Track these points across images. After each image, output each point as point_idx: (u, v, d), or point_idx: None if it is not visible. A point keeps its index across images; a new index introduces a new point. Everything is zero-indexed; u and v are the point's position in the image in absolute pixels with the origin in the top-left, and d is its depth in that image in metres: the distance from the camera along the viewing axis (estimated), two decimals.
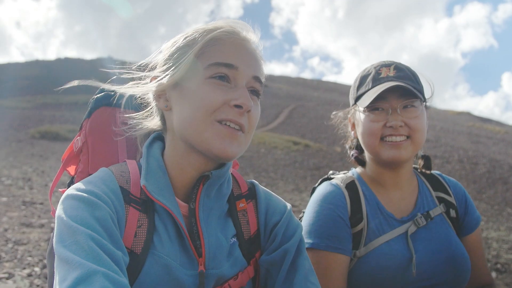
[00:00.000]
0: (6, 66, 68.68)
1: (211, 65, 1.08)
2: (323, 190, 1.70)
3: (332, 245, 1.56)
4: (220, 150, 1.07)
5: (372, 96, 1.55)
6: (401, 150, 1.57)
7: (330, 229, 1.58)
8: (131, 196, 1.10)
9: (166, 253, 1.08)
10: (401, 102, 1.57)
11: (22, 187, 8.75)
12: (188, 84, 1.10)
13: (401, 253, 1.56)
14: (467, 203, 1.77)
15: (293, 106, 33.48)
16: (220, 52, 1.10)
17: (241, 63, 1.10)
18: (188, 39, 1.15)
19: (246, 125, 1.11)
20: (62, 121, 22.42)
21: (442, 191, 1.76)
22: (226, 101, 1.08)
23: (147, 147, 1.20)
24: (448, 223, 1.69)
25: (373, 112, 1.60)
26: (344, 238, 1.58)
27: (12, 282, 3.97)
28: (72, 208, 0.98)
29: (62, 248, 0.91)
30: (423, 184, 1.77)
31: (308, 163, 16.57)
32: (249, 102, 1.08)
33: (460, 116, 44.06)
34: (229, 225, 1.22)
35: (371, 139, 1.61)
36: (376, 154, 1.62)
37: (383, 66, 1.65)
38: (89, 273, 0.85)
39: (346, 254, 1.57)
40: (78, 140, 1.35)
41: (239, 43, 1.13)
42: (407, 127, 1.57)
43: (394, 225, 1.63)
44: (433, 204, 1.72)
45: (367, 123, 1.61)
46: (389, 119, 1.57)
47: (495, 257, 6.52)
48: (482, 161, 17.98)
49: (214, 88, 1.08)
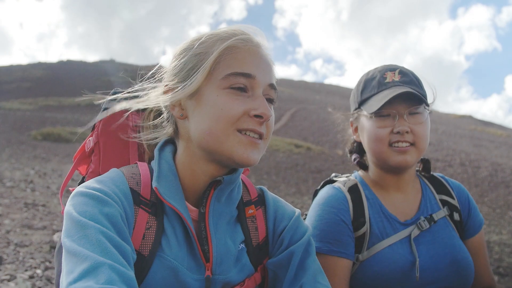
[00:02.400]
0: (9, 68, 68.87)
1: (229, 75, 1.08)
2: (326, 194, 1.69)
3: (334, 249, 1.55)
4: (242, 159, 1.08)
5: (381, 101, 1.55)
6: (407, 156, 1.57)
7: (333, 233, 1.58)
8: (141, 198, 1.11)
9: (174, 257, 1.08)
10: (408, 108, 1.57)
11: (24, 189, 8.76)
12: (205, 94, 1.10)
13: (404, 257, 1.55)
14: (470, 206, 1.76)
15: (295, 109, 33.47)
16: (237, 61, 1.10)
17: (258, 71, 1.11)
18: (201, 47, 1.14)
19: (264, 133, 1.12)
20: (64, 123, 22.46)
21: (446, 194, 1.75)
22: (246, 111, 1.08)
23: (158, 150, 1.20)
24: (452, 226, 1.68)
25: (380, 118, 1.59)
26: (346, 242, 1.58)
27: (14, 284, 3.97)
28: (82, 204, 0.99)
29: (70, 242, 0.92)
30: (427, 187, 1.76)
31: (310, 166, 16.55)
32: (269, 111, 1.10)
33: (462, 120, 43.97)
34: (238, 231, 1.22)
35: (378, 146, 1.60)
36: (383, 160, 1.61)
37: (388, 70, 1.65)
38: (96, 265, 0.86)
39: (348, 258, 1.56)
40: (90, 141, 1.36)
41: (253, 50, 1.13)
42: (412, 133, 1.57)
43: (397, 228, 1.62)
44: (436, 207, 1.70)
45: (374, 129, 1.60)
46: (396, 125, 1.56)
47: (497, 261, 6.50)
48: (484, 165, 17.93)
49: (233, 98, 1.08)
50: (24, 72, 63.87)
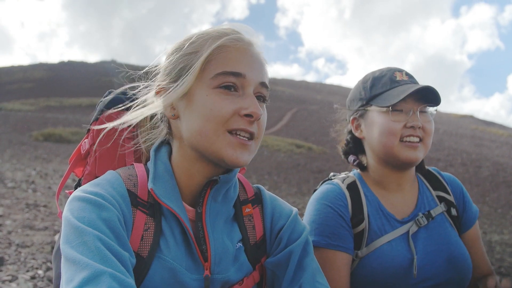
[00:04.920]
0: (10, 69, 68.98)
1: (219, 75, 1.08)
2: (324, 189, 1.70)
3: (333, 243, 1.56)
4: (232, 160, 1.08)
5: (400, 96, 1.57)
6: (417, 152, 1.60)
7: (330, 227, 1.59)
8: (139, 200, 1.11)
9: (172, 257, 1.08)
10: (420, 105, 1.61)
11: (25, 189, 8.78)
12: (196, 93, 1.09)
13: (403, 253, 1.57)
14: (465, 199, 1.79)
15: (296, 109, 33.48)
16: (227, 60, 1.09)
17: (248, 70, 1.10)
18: (192, 47, 1.13)
19: (256, 132, 1.12)
20: (66, 124, 22.51)
21: (442, 190, 1.77)
22: (236, 111, 1.07)
23: (154, 151, 1.20)
24: (449, 222, 1.70)
25: (394, 112, 1.61)
26: (344, 236, 1.59)
27: (15, 284, 3.98)
28: (79, 210, 0.99)
29: (69, 249, 0.92)
30: (423, 184, 1.78)
31: (311, 166, 16.55)
32: (259, 110, 1.09)
33: (463, 119, 43.95)
34: (235, 230, 1.22)
35: (390, 139, 1.60)
36: (393, 155, 1.62)
37: (396, 71, 1.69)
38: (96, 274, 0.86)
39: (347, 252, 1.57)
40: (85, 143, 1.36)
41: (244, 49, 1.13)
42: (422, 130, 1.61)
43: (395, 225, 1.64)
44: (433, 203, 1.72)
45: (388, 122, 1.61)
46: (409, 120, 1.59)
47: (498, 261, 6.49)
48: (486, 164, 17.92)
49: (223, 98, 1.07)
50: (25, 73, 64.00)
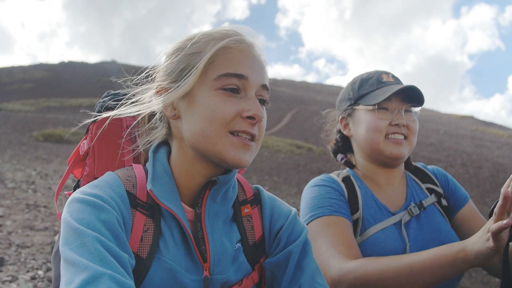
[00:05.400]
0: (10, 69, 69.04)
1: (221, 76, 1.08)
2: (321, 177, 1.80)
3: (335, 210, 1.63)
4: (234, 161, 1.08)
5: (385, 94, 1.67)
6: (401, 148, 1.69)
7: (332, 200, 1.67)
8: (138, 201, 1.10)
9: (172, 258, 1.08)
10: (404, 105, 1.71)
11: (25, 190, 8.78)
12: (198, 94, 1.10)
13: (396, 241, 1.62)
14: (449, 184, 1.86)
15: (296, 110, 33.50)
16: (230, 62, 1.10)
17: (250, 72, 1.10)
18: (194, 47, 1.13)
19: (257, 134, 1.12)
20: (66, 124, 22.49)
21: (430, 183, 1.86)
22: (238, 112, 1.08)
23: (153, 152, 1.19)
24: (440, 212, 1.76)
25: (380, 110, 1.71)
26: (344, 207, 1.66)
27: (16, 285, 3.98)
28: (78, 211, 0.98)
29: (69, 251, 0.92)
30: (411, 179, 1.86)
31: (311, 167, 16.56)
32: (261, 113, 1.09)
33: (463, 120, 43.96)
34: (234, 230, 1.22)
35: (376, 135, 1.70)
36: (379, 151, 1.71)
37: (383, 73, 1.80)
38: (95, 276, 0.86)
39: (348, 219, 1.64)
40: (84, 144, 1.35)
41: (246, 51, 1.13)
42: (407, 128, 1.71)
43: (388, 216, 1.70)
44: (423, 195, 1.80)
45: (373, 120, 1.71)
46: (394, 118, 1.70)
47: None
48: (486, 165, 17.92)
49: (225, 99, 1.08)
50: (25, 73, 64.06)
